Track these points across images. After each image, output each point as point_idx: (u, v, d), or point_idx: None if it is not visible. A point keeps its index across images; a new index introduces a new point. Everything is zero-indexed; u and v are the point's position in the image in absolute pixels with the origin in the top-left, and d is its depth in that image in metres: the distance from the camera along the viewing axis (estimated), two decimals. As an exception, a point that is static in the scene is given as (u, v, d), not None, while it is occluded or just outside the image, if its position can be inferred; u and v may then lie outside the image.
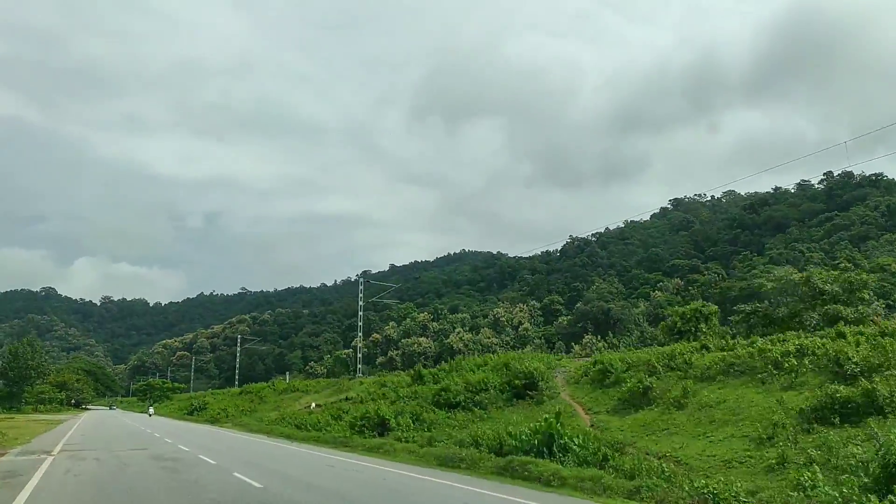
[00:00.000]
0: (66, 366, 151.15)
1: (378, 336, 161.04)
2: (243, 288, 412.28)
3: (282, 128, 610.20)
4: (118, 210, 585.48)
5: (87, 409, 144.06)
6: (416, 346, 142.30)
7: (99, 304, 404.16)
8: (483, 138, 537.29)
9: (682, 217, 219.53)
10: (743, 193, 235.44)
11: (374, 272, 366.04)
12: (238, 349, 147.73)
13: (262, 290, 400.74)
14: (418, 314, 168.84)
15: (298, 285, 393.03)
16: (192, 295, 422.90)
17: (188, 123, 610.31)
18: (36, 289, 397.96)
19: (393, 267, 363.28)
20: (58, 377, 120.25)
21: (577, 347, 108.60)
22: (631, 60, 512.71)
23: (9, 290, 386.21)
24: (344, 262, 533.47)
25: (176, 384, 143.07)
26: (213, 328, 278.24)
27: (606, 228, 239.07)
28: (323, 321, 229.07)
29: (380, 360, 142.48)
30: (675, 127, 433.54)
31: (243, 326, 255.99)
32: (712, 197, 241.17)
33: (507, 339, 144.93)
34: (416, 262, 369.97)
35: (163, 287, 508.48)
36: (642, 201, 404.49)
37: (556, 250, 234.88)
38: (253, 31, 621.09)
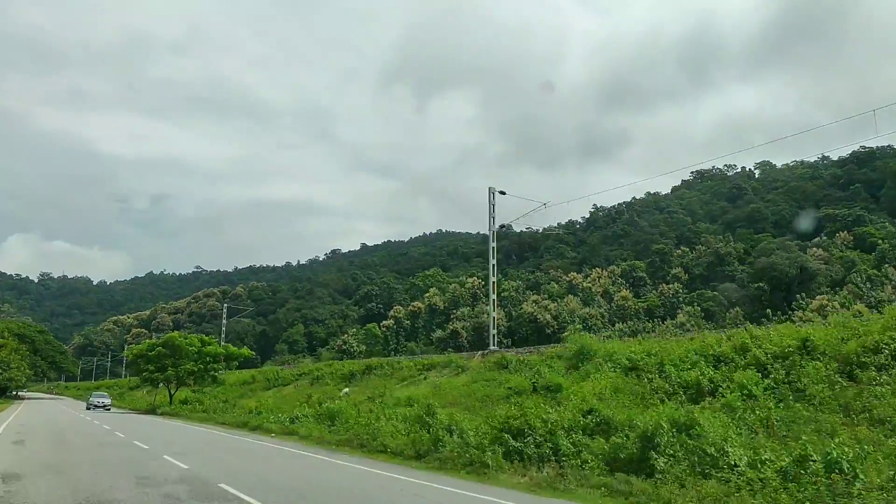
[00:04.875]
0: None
1: (420, 305, 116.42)
2: (198, 266, 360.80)
3: (233, 109, 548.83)
4: (57, 187, 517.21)
5: (21, 396, 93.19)
6: (485, 316, 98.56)
7: (37, 280, 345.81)
8: (454, 113, 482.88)
9: (729, 185, 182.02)
10: (780, 165, 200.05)
11: (344, 251, 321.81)
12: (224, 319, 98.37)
13: (218, 269, 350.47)
14: (466, 280, 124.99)
15: (260, 264, 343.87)
16: (141, 274, 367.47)
17: (134, 100, 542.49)
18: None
19: (365, 246, 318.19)
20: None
21: (802, 314, 67.15)
22: (624, 26, 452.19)
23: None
24: (301, 243, 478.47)
25: (233, 348, 65.93)
26: (173, 303, 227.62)
27: (633, 198, 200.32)
28: (311, 296, 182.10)
29: (437, 333, 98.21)
30: (661, 102, 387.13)
31: (212, 301, 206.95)
32: (743, 168, 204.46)
33: (601, 310, 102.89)
34: (390, 241, 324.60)
35: (105, 267, 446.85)
36: (617, 181, 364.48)
37: (578, 221, 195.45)
38: (203, 5, 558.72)
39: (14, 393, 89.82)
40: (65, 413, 56.02)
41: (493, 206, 40.17)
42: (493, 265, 40.03)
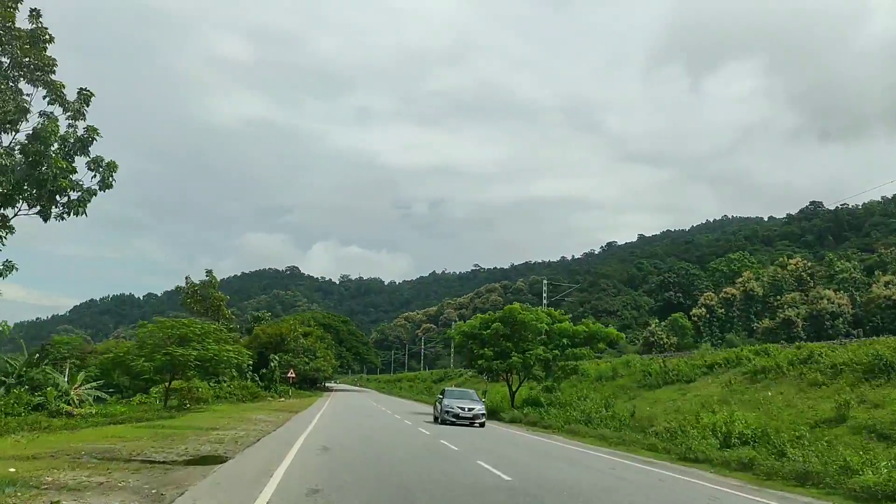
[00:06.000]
0: (293, 317, 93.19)
1: (733, 291, 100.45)
2: (476, 265, 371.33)
3: (500, 110, 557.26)
4: (350, 197, 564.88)
5: (328, 388, 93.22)
6: (825, 302, 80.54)
7: (338, 282, 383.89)
8: (733, 89, 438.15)
9: None
10: None
11: (620, 243, 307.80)
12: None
13: (495, 266, 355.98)
14: (786, 261, 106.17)
15: (535, 260, 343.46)
16: (424, 274, 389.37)
17: (411, 112, 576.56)
18: (281, 268, 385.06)
19: (642, 237, 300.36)
20: (272, 328, 59.75)
21: None
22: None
23: (258, 268, 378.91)
24: (572, 237, 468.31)
25: (595, 326, 44.00)
26: (457, 299, 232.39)
27: None
28: (594, 288, 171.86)
29: (764, 323, 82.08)
30: None
31: (494, 296, 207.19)
32: None
33: None
34: (669, 230, 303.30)
35: (392, 268, 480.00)
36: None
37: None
38: (469, 14, 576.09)
39: (322, 384, 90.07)
40: (385, 418, 36.44)
41: None
42: None
